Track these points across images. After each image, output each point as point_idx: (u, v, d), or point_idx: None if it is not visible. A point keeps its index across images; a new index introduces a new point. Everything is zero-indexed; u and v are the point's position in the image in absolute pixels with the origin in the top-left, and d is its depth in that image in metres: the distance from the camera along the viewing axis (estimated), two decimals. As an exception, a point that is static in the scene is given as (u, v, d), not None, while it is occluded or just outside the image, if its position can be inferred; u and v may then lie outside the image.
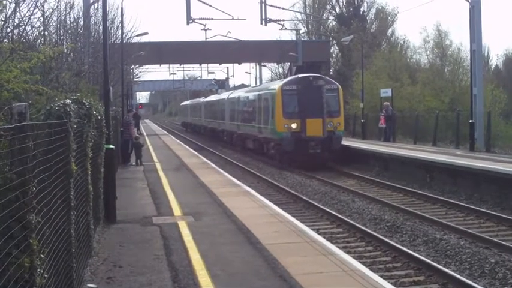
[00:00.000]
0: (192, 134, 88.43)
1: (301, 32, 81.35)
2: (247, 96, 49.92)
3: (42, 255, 6.57)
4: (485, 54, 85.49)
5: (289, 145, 37.63)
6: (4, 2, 16.14)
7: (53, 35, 24.46)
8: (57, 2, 24.44)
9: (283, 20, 59.59)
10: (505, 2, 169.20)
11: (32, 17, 19.53)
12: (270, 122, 40.07)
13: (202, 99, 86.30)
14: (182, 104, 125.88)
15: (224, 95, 65.56)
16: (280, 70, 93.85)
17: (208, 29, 60.55)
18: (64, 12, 25.83)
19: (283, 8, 58.53)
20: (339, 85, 40.51)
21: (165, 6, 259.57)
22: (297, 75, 43.51)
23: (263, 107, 42.36)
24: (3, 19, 17.54)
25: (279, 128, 38.12)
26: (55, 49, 17.33)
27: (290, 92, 38.60)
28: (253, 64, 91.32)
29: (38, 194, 6.75)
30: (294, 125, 37.59)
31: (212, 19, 56.85)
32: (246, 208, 18.69)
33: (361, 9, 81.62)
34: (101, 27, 28.63)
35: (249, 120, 47.04)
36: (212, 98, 77.50)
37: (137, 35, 49.13)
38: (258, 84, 78.91)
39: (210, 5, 52.33)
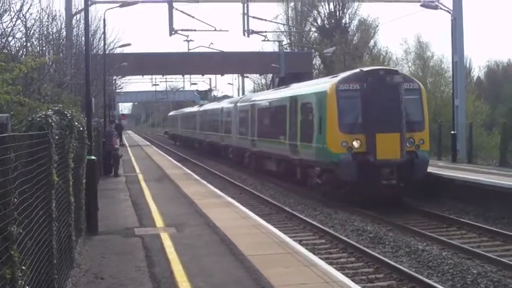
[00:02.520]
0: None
1: (283, 43, 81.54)
2: (270, 102, 38.41)
3: (23, 267, 6.53)
4: (467, 65, 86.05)
5: (349, 172, 25.80)
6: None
7: (36, 46, 24.40)
8: (40, 13, 24.36)
9: (266, 32, 59.49)
10: (486, 13, 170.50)
11: (14, 28, 19.51)
12: (315, 138, 28.29)
13: (196, 108, 75.75)
14: (171, 114, 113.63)
15: (228, 102, 55.27)
16: (263, 81, 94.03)
17: (190, 40, 60.41)
18: (46, 24, 25.79)
19: (265, 20, 58.33)
20: (420, 84, 28.71)
21: (147, 18, 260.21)
22: (361, 69, 29.34)
23: (301, 116, 30.87)
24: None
25: (332, 147, 26.52)
26: (37, 60, 17.28)
27: (350, 94, 26.73)
28: (235, 75, 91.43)
29: (20, 206, 6.71)
30: (356, 143, 25.99)
31: (195, 30, 56.75)
32: (229, 219, 18.68)
33: (343, 21, 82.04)
34: (83, 38, 28.63)
35: (273, 135, 35.60)
36: (211, 106, 65.86)
37: (120, 46, 49.22)
38: (243, 94, 78.74)
39: (193, 17, 52.23)
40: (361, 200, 25.60)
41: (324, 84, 29.40)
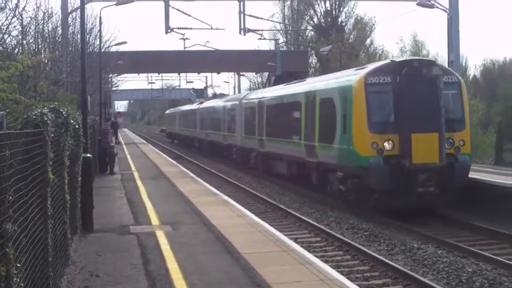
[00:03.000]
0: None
1: (279, 42, 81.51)
2: (281, 98, 35.04)
3: (18, 264, 6.54)
4: (463, 64, 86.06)
5: (380, 179, 22.60)
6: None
7: (31, 44, 24.39)
8: (36, 11, 24.34)
9: (262, 30, 59.46)
10: (482, 12, 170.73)
11: (10, 26, 19.50)
12: (338, 138, 24.88)
13: (196, 106, 71.30)
14: (168, 111, 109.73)
15: (232, 99, 52.60)
16: (259, 80, 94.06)
17: (187, 38, 60.16)
18: (42, 22, 25.77)
19: (262, 18, 58.52)
20: (460, 77, 25.60)
21: (143, 16, 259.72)
22: (392, 59, 27.33)
23: (320, 114, 27.43)
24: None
25: (360, 150, 23.24)
26: (33, 58, 17.28)
27: (380, 88, 23.46)
28: (232, 74, 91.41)
29: (15, 203, 6.72)
30: (388, 145, 22.75)
31: (191, 28, 56.67)
32: (224, 217, 18.69)
33: (339, 20, 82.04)
34: (79, 36, 28.60)
35: (286, 135, 32.40)
36: (213, 103, 61.81)
37: (116, 44, 49.12)
38: (239, 91, 78.64)
39: (189, 15, 52.15)
40: (393, 210, 22.54)
41: (348, 77, 25.52)
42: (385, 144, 22.63)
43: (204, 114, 62.01)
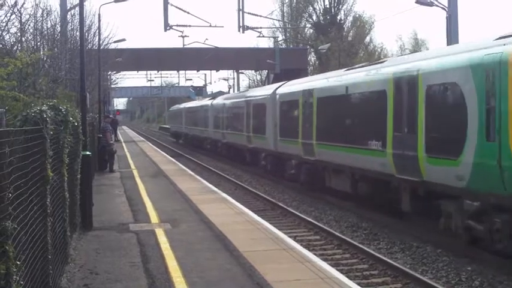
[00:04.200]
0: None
1: (278, 39, 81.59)
2: (349, 86, 24.34)
3: (18, 262, 6.52)
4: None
5: None
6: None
7: (30, 42, 24.36)
8: (35, 8, 24.33)
9: (261, 28, 59.55)
10: (481, 11, 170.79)
11: (9, 23, 19.47)
12: (474, 147, 16.05)
13: (208, 101, 60.33)
14: (173, 108, 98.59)
15: (259, 92, 41.53)
16: (258, 78, 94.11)
17: (185, 35, 60.41)
18: (41, 19, 25.74)
19: (260, 16, 58.43)
20: None
21: (142, 13, 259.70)
22: None
23: (429, 107, 18.45)
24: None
25: None
26: (32, 55, 17.26)
27: None
28: (230, 71, 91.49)
29: (14, 201, 6.70)
30: None
31: (190, 26, 56.76)
32: (224, 215, 18.69)
33: (338, 17, 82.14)
34: (78, 34, 28.58)
35: (355, 138, 23.30)
36: (231, 98, 51.49)
37: (114, 42, 49.13)
38: (240, 90, 78.52)
39: (188, 12, 52.29)
40: None
41: (490, 48, 15.89)
42: None
43: (219, 111, 52.03)
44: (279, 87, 35.74)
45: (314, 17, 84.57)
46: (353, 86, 24.07)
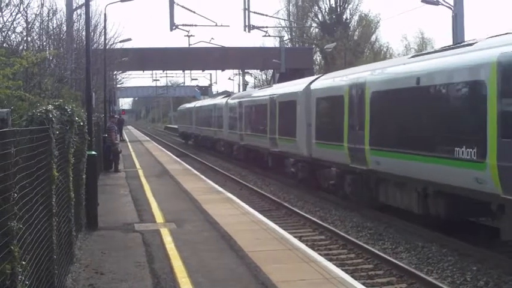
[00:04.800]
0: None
1: (284, 39, 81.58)
2: (419, 79, 19.24)
3: (23, 262, 6.54)
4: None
5: None
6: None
7: (36, 41, 24.39)
8: (40, 8, 24.35)
9: (267, 27, 59.72)
10: (487, 10, 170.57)
11: (14, 22, 19.50)
12: None
13: (222, 100, 55.04)
14: (182, 107, 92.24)
15: (286, 88, 35.83)
16: (264, 77, 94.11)
17: (191, 35, 60.59)
18: (47, 18, 25.77)
19: (266, 15, 58.60)
20: None
21: (148, 12, 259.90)
22: None
23: None
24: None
25: None
26: (38, 55, 17.27)
27: None
28: (236, 71, 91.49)
29: (20, 201, 6.71)
30: None
31: (195, 25, 56.94)
32: (229, 215, 18.70)
33: (344, 16, 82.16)
34: (83, 33, 28.61)
35: (436, 145, 18.25)
36: (251, 94, 45.81)
37: (120, 41, 49.18)
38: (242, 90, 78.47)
39: (194, 12, 52.42)
40: None
41: None
42: None
43: (236, 110, 46.59)
44: (314, 81, 30.20)
45: (320, 17, 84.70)
46: (429, 76, 18.80)
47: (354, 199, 24.41)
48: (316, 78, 30.54)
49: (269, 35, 64.35)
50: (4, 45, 18.82)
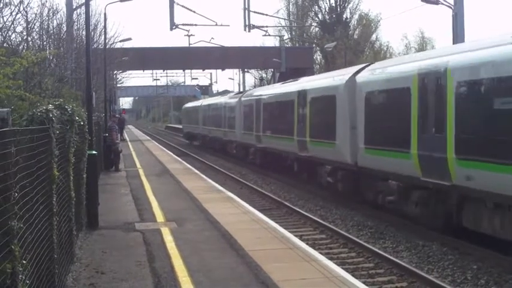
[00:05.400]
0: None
1: (284, 38, 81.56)
2: None
3: (24, 261, 6.53)
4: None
5: None
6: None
7: (36, 41, 24.39)
8: (40, 8, 24.36)
9: (267, 27, 59.79)
10: (487, 9, 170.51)
11: (14, 22, 19.50)
12: None
13: (235, 97, 50.36)
14: (188, 106, 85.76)
15: (319, 81, 30.49)
16: (264, 76, 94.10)
17: (191, 34, 60.71)
18: (47, 18, 25.76)
19: (266, 15, 58.71)
20: None
21: (148, 12, 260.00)
22: None
23: None
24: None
25: None
26: (38, 55, 17.27)
27: None
28: (236, 70, 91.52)
29: (20, 200, 6.71)
30: None
31: (196, 25, 57.08)
32: (229, 214, 18.70)
33: (344, 16, 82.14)
34: (83, 33, 28.61)
35: None
36: (271, 92, 39.04)
37: (120, 41, 49.21)
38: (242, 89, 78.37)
39: (194, 11, 52.48)
40: None
41: None
42: None
43: (252, 109, 41.22)
44: (359, 71, 24.56)
45: (320, 16, 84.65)
46: None
47: (421, 222, 19.46)
48: (362, 69, 24.75)
49: (269, 35, 64.53)
50: (4, 45, 18.82)
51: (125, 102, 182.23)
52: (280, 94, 35.17)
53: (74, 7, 35.65)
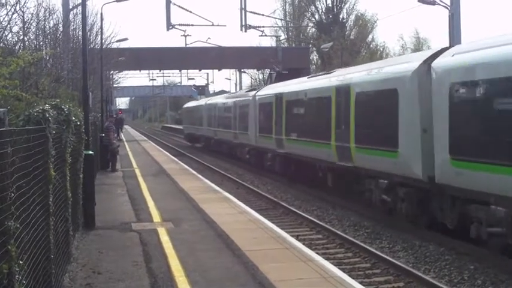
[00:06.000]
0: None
1: (281, 38, 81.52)
2: None
3: (20, 262, 6.53)
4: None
5: None
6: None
7: (33, 41, 24.38)
8: (37, 8, 24.36)
9: (263, 27, 59.71)
10: (484, 10, 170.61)
11: (11, 22, 19.48)
12: None
13: (247, 94, 44.39)
14: (189, 105, 79.38)
15: (368, 72, 23.19)
16: (260, 76, 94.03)
17: (188, 35, 60.73)
18: (44, 18, 25.76)
19: (263, 15, 58.71)
20: None
21: (144, 12, 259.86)
22: None
23: None
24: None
25: None
26: (34, 55, 17.27)
27: None
28: (233, 70, 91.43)
29: (17, 200, 6.70)
30: None
31: (192, 25, 56.98)
32: (226, 214, 18.69)
33: (341, 16, 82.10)
34: (80, 33, 28.58)
35: None
36: (296, 87, 32.04)
37: (117, 41, 49.15)
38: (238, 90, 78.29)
39: (190, 11, 52.41)
40: None
41: None
42: None
43: (270, 108, 35.52)
44: (433, 56, 18.49)
45: (316, 16, 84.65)
46: None
47: None
48: (436, 53, 18.55)
49: (266, 35, 64.40)
50: (1, 45, 18.81)
51: (122, 103, 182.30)
52: (311, 90, 28.99)
53: (71, 7, 35.65)
